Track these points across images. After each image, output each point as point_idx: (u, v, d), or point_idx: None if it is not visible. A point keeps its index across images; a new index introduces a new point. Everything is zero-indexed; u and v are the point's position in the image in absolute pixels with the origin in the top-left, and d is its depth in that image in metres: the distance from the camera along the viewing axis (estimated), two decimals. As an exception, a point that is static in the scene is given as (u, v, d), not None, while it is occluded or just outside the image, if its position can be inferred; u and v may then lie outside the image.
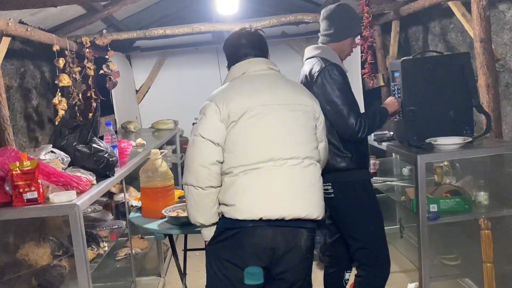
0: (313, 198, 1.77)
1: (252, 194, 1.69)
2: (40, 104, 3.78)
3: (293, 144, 1.75)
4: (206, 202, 1.74)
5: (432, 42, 3.71)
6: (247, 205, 1.68)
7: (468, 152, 2.31)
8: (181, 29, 3.77)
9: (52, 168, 1.85)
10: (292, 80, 1.93)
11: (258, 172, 1.70)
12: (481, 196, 2.44)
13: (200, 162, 1.72)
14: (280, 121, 1.75)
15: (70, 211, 1.72)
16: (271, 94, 1.78)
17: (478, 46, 2.53)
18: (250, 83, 1.80)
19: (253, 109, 1.73)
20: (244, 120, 1.72)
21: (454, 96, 2.38)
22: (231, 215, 1.70)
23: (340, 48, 2.31)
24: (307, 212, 1.73)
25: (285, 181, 1.71)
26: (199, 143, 1.74)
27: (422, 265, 2.34)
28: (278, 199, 1.70)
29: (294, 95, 1.83)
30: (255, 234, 1.69)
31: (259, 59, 1.86)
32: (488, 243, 2.22)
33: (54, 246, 1.94)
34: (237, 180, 1.71)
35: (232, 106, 1.72)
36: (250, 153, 1.71)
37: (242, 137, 1.72)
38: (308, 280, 1.86)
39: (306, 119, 1.81)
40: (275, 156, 1.71)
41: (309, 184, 1.76)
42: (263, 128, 1.73)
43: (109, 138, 2.33)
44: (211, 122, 1.73)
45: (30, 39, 3.07)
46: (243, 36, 1.90)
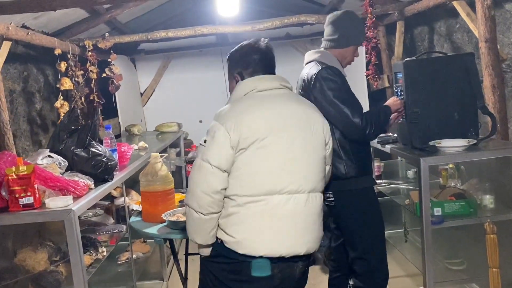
0: (313, 234, 1.74)
1: (255, 232, 1.65)
2: (43, 107, 3.79)
3: (300, 176, 1.69)
4: (206, 226, 1.70)
5: (438, 43, 3.67)
6: (248, 242, 1.65)
7: (473, 155, 2.26)
8: (183, 31, 3.76)
9: (49, 173, 1.84)
10: (303, 100, 1.86)
11: (262, 206, 1.65)
12: (486, 200, 2.38)
13: (204, 189, 1.65)
14: (289, 152, 1.68)
15: (66, 217, 1.70)
16: (284, 121, 1.69)
17: (483, 46, 2.49)
18: (262, 106, 1.70)
19: (264, 137, 1.65)
20: (253, 149, 1.64)
21: (458, 97, 2.33)
22: (231, 246, 1.67)
23: (342, 54, 2.29)
24: (306, 249, 1.71)
25: (288, 221, 1.67)
26: (205, 170, 1.65)
27: (427, 270, 2.29)
28: (280, 239, 1.67)
29: (307, 121, 1.74)
30: (253, 268, 1.67)
31: (270, 76, 1.77)
32: (493, 248, 2.16)
33: (52, 251, 1.92)
34: (241, 212, 1.65)
35: (244, 132, 1.63)
36: (255, 184, 1.65)
37: (249, 167, 1.65)
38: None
39: (316, 148, 1.76)
40: (282, 190, 1.66)
41: (311, 221, 1.73)
42: (271, 159, 1.65)
43: (108, 142, 2.31)
44: (221, 148, 1.64)
45: (31, 43, 3.07)
46: (256, 51, 1.79)
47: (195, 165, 1.70)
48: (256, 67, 1.77)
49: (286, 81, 1.81)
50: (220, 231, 1.70)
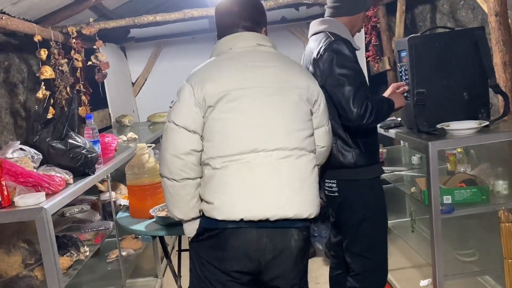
0: (303, 195, 1.55)
1: (232, 192, 1.49)
2: (28, 99, 3.60)
3: (280, 133, 1.53)
4: (182, 195, 1.55)
5: (441, 21, 3.49)
6: (226, 204, 1.49)
7: (485, 138, 2.10)
8: (172, 15, 3.56)
9: (20, 168, 1.66)
10: (286, 58, 1.67)
11: (239, 166, 1.49)
12: (499, 185, 2.23)
13: (172, 151, 1.53)
14: (264, 106, 1.53)
15: (37, 216, 1.53)
16: (256, 75, 1.55)
17: (493, 20, 2.30)
18: (233, 62, 1.58)
19: (232, 92, 1.51)
20: (221, 105, 1.51)
21: (467, 76, 2.17)
22: (210, 214, 1.51)
23: (352, 22, 2.08)
24: (296, 212, 1.52)
25: (269, 176, 1.50)
26: (172, 131, 1.55)
27: (436, 262, 2.14)
28: (261, 197, 1.49)
29: (285, 75, 1.59)
30: (237, 237, 1.50)
31: (247, 34, 1.63)
32: (509, 237, 2.02)
33: (26, 254, 1.75)
34: (216, 174, 1.51)
35: (208, 88, 1.51)
36: (229, 143, 1.50)
37: (219, 125, 1.51)
38: (304, 281, 1.68)
39: (297, 103, 1.59)
40: (258, 147, 1.50)
41: (299, 179, 1.55)
42: (243, 114, 1.51)
43: (89, 133, 2.14)
44: (185, 106, 1.54)
45: (8, 29, 2.87)
46: (235, 3, 1.66)
47: (163, 128, 1.61)
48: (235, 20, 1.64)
49: (266, 39, 1.65)
50: (202, 203, 1.56)
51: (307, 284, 1.71)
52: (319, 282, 3.16)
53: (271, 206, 1.49)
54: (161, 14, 3.60)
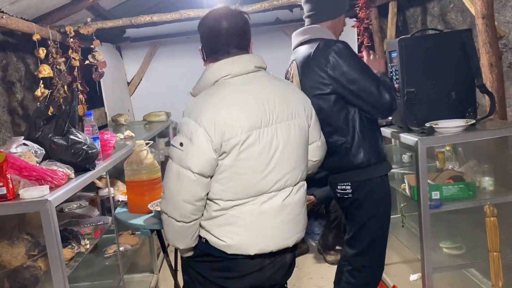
0: (300, 225, 1.70)
1: (244, 233, 1.56)
2: (25, 97, 3.64)
3: (286, 172, 1.59)
4: (188, 232, 1.59)
5: (431, 23, 3.58)
6: (237, 244, 1.57)
7: (471, 135, 2.18)
8: (168, 15, 3.62)
9: (24, 162, 1.72)
10: (278, 79, 1.68)
11: (249, 209, 1.55)
12: (485, 182, 2.31)
13: (186, 199, 1.51)
14: (273, 148, 1.55)
15: (42, 208, 1.59)
16: (264, 113, 1.53)
17: (480, 22, 2.39)
18: (240, 99, 1.52)
19: (246, 138, 1.49)
20: (236, 152, 1.49)
21: (455, 76, 2.24)
22: (219, 247, 1.58)
23: (334, 26, 2.10)
24: (295, 241, 1.68)
25: (277, 216, 1.60)
26: (187, 178, 1.48)
27: (425, 256, 2.22)
28: (270, 236, 1.60)
29: (286, 101, 1.60)
30: (244, 264, 1.61)
31: (244, 57, 1.57)
32: (494, 231, 2.09)
33: (30, 245, 1.81)
34: (228, 214, 1.55)
35: (225, 135, 1.47)
36: (240, 187, 1.53)
37: (233, 170, 1.51)
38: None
39: (300, 135, 1.64)
40: (268, 190, 1.57)
41: (298, 212, 1.67)
42: (255, 159, 1.52)
43: (89, 130, 2.19)
44: (203, 153, 1.47)
45: (9, 28, 2.92)
46: (225, 19, 1.56)
47: (172, 171, 1.52)
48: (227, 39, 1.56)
49: (260, 60, 1.62)
50: (203, 231, 1.59)
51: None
52: (312, 278, 3.23)
53: (277, 242, 1.62)
54: (158, 14, 3.66)
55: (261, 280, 1.66)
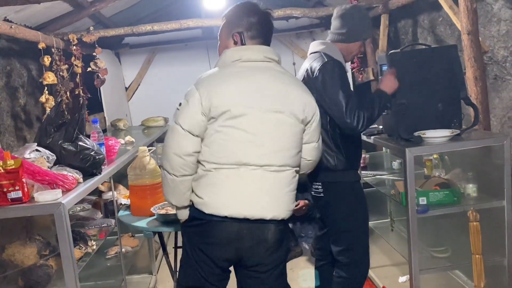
0: (280, 203, 1.74)
1: (220, 192, 1.68)
2: (27, 103, 3.73)
3: (271, 152, 1.70)
4: (180, 187, 1.74)
5: (421, 35, 3.72)
6: (214, 202, 1.68)
7: (457, 145, 2.31)
8: (169, 25, 3.74)
9: (37, 167, 1.83)
10: (288, 74, 1.82)
11: (230, 173, 1.68)
12: (469, 188, 2.44)
13: (176, 151, 1.69)
14: (260, 127, 1.69)
15: (56, 210, 1.70)
16: (259, 94, 1.70)
17: (465, 38, 2.53)
18: (240, 78, 1.71)
19: (235, 109, 1.66)
20: (223, 120, 1.67)
21: (442, 88, 2.37)
22: (199, 207, 1.71)
23: (348, 49, 2.31)
24: (273, 215, 1.71)
25: (254, 183, 1.69)
26: (178, 133, 1.69)
27: (412, 258, 2.34)
28: (245, 200, 1.68)
29: (284, 99, 1.73)
30: (221, 228, 1.69)
31: (256, 47, 1.75)
32: (476, 235, 2.23)
33: (41, 246, 1.91)
34: (208, 175, 1.70)
35: (215, 101, 1.66)
36: (225, 154, 1.68)
37: (219, 137, 1.68)
38: (280, 269, 1.84)
39: (291, 125, 1.75)
40: (249, 162, 1.68)
41: (279, 189, 1.74)
42: (241, 131, 1.67)
43: (95, 136, 2.30)
44: (192, 113, 1.68)
45: (14, 36, 3.03)
46: (262, 14, 1.79)
47: (170, 127, 1.76)
48: (255, 31, 1.75)
49: (273, 53, 1.78)
50: (192, 193, 1.74)
51: (284, 271, 1.87)
52: (305, 279, 3.34)
53: (252, 208, 1.68)
54: (159, 23, 3.77)
55: (242, 251, 1.72)
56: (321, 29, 5.12)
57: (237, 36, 1.77)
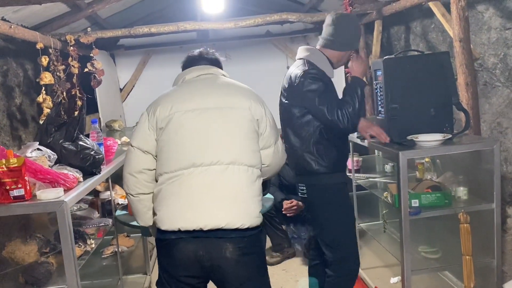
0: (236, 207, 1.65)
1: (171, 204, 1.66)
2: (23, 102, 3.74)
3: (217, 149, 1.68)
4: (139, 207, 1.77)
5: (414, 42, 3.79)
6: (166, 216, 1.66)
7: (448, 149, 2.37)
8: (166, 27, 3.77)
9: (39, 166, 1.85)
10: (230, 82, 1.88)
11: (179, 181, 1.66)
12: (460, 191, 2.50)
13: (128, 170, 1.77)
14: (205, 125, 1.71)
15: (58, 208, 1.73)
16: (200, 98, 1.76)
17: (457, 45, 2.60)
18: (181, 89, 1.83)
19: (179, 115, 1.71)
20: (169, 127, 1.71)
21: (434, 94, 2.43)
22: (157, 225, 1.70)
23: (337, 57, 2.39)
24: (227, 221, 1.62)
25: (203, 190, 1.64)
26: (129, 151, 1.78)
27: (404, 259, 2.39)
28: (195, 209, 1.63)
29: (227, 98, 1.78)
30: (179, 248, 1.65)
31: (198, 67, 1.89)
32: (467, 237, 2.28)
33: (41, 244, 1.94)
34: (162, 189, 1.70)
35: (159, 113, 1.73)
36: (172, 160, 1.69)
37: (166, 144, 1.71)
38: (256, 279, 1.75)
39: (238, 121, 1.75)
40: (196, 162, 1.66)
41: (233, 192, 1.66)
42: (185, 134, 1.70)
43: (95, 136, 2.33)
44: (141, 130, 1.76)
45: (13, 36, 3.04)
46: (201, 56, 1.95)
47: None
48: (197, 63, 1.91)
49: (216, 70, 1.91)
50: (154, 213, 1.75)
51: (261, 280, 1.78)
52: (298, 280, 3.39)
53: (203, 216, 1.62)
54: (156, 26, 3.81)
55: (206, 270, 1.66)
56: (315, 34, 5.18)
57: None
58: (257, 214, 1.71)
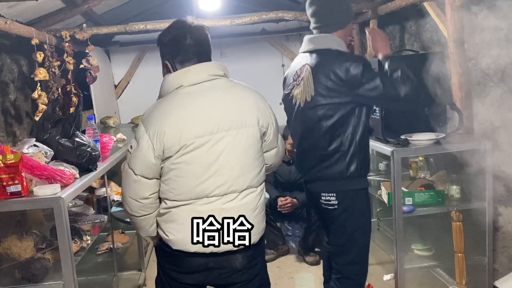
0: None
1: (184, 230, 1.63)
2: (17, 98, 3.72)
3: (231, 180, 1.62)
4: (142, 224, 1.71)
5: (408, 41, 3.82)
6: (179, 240, 1.64)
7: (442, 148, 2.40)
8: (162, 24, 3.76)
9: (36, 162, 1.85)
10: (237, 86, 1.70)
11: (192, 207, 1.62)
12: (453, 190, 2.54)
13: (131, 195, 1.64)
14: (219, 154, 1.60)
15: (55, 204, 1.73)
16: (211, 120, 1.59)
17: (451, 45, 2.63)
18: (187, 106, 1.60)
19: (189, 144, 1.57)
20: (178, 156, 1.58)
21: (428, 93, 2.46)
22: (166, 242, 1.68)
23: (345, 35, 2.18)
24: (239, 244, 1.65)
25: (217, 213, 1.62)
26: (131, 177, 1.62)
27: (398, 256, 2.43)
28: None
29: (236, 115, 1.62)
30: (189, 261, 1.67)
31: (197, 67, 1.63)
32: (459, 234, 2.31)
33: (38, 240, 1.94)
34: (171, 211, 1.65)
35: (166, 141, 1.56)
36: (182, 189, 1.61)
37: (175, 174, 1.60)
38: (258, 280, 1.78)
39: (249, 144, 1.65)
40: (209, 194, 1.61)
41: (247, 213, 1.66)
42: (195, 165, 1.59)
43: (91, 133, 2.33)
44: (145, 159, 1.58)
45: (9, 32, 3.03)
46: (189, 33, 1.64)
47: (124, 170, 1.68)
48: (187, 54, 1.63)
49: (218, 68, 1.67)
50: (158, 227, 1.71)
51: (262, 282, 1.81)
52: (292, 277, 3.41)
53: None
54: (152, 22, 3.80)
55: (212, 280, 1.71)
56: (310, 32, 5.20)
57: (168, 65, 1.68)
58: (262, 229, 1.74)
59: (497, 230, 2.74)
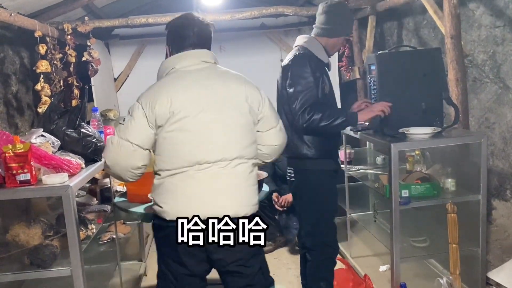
0: (238, 198, 1.74)
1: (177, 198, 1.69)
2: (19, 90, 3.75)
3: (220, 147, 1.70)
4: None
5: (406, 37, 3.87)
6: (173, 208, 1.69)
7: (438, 142, 2.46)
8: (163, 17, 3.80)
9: (44, 151, 1.90)
10: (228, 72, 1.81)
11: (183, 177, 1.69)
12: (448, 183, 2.59)
13: (124, 166, 1.72)
14: (207, 122, 1.69)
15: (63, 192, 1.78)
16: (199, 93, 1.70)
17: (448, 42, 2.68)
18: (178, 82, 1.71)
19: (178, 112, 1.66)
20: (169, 125, 1.67)
21: (425, 88, 2.51)
22: (160, 215, 1.73)
23: (332, 44, 2.45)
24: (231, 212, 1.68)
25: (208, 185, 1.69)
26: (126, 148, 1.69)
27: (394, 248, 2.48)
28: (200, 202, 1.69)
29: (226, 90, 1.74)
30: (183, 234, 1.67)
31: (190, 52, 1.75)
32: (454, 226, 2.38)
33: (45, 227, 1.99)
34: (164, 182, 1.71)
35: (158, 110, 1.66)
36: (174, 158, 1.69)
37: (167, 142, 1.69)
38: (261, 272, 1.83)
39: (239, 114, 1.74)
40: (201, 160, 1.68)
41: (234, 185, 1.73)
42: (187, 133, 1.68)
43: (95, 124, 2.38)
44: (140, 127, 1.68)
45: (12, 24, 3.06)
46: (194, 25, 1.78)
47: (112, 143, 1.73)
48: (185, 43, 1.76)
49: (208, 56, 1.78)
50: (153, 203, 1.78)
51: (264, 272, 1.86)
52: (290, 268, 3.48)
53: (209, 209, 1.68)
54: (153, 16, 3.84)
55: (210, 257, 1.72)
56: (309, 27, 5.20)
57: (167, 49, 1.86)
58: (255, 202, 1.81)
59: (491, 223, 2.82)
